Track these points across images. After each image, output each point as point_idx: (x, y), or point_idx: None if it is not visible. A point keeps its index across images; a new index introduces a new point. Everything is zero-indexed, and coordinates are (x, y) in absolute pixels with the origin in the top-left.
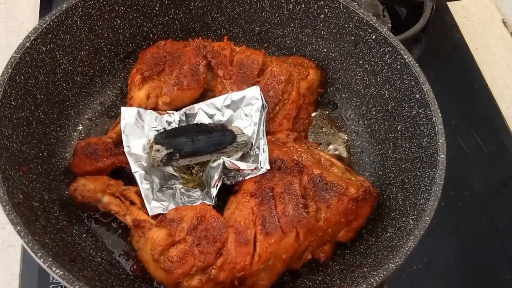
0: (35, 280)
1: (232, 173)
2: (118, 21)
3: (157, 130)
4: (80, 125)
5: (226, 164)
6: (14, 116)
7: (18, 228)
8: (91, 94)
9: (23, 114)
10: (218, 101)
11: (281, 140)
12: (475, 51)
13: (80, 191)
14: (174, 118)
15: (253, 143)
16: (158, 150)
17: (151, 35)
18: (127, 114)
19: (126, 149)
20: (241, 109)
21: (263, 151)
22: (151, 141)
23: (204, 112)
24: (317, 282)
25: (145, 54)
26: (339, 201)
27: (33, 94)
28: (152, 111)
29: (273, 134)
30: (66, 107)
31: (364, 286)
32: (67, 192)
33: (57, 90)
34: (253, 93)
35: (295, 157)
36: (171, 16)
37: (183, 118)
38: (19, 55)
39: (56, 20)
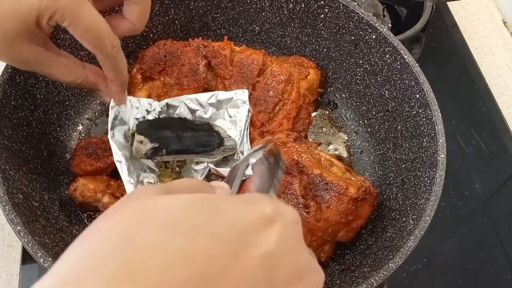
0: (35, 280)
1: (214, 178)
2: None
3: (137, 119)
4: (80, 125)
5: (211, 171)
6: (14, 116)
7: (18, 228)
8: (91, 94)
9: (23, 114)
10: (203, 97)
11: (281, 140)
12: (475, 51)
13: (80, 191)
14: (154, 108)
15: (237, 148)
16: (141, 142)
17: (151, 35)
18: None
19: (110, 135)
20: (226, 110)
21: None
22: (131, 130)
23: (186, 106)
24: None
25: (145, 54)
26: (339, 201)
27: (33, 94)
28: (133, 97)
29: (273, 134)
30: (66, 107)
31: (364, 286)
32: (67, 192)
33: (57, 90)
34: (241, 95)
35: (295, 157)
36: (171, 16)
37: (164, 108)
38: None
39: None
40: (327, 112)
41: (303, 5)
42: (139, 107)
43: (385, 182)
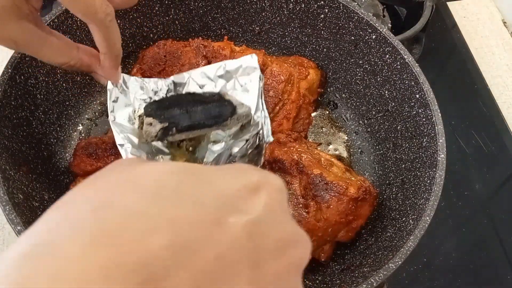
0: None
1: (231, 158)
2: (118, 21)
3: (143, 100)
4: (80, 125)
5: (224, 156)
6: (14, 116)
7: (18, 228)
8: (91, 94)
9: (23, 114)
10: (211, 70)
11: (281, 140)
12: (475, 51)
13: None
14: (161, 87)
15: (253, 114)
16: (150, 124)
17: (151, 35)
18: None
19: (110, 118)
20: (236, 79)
21: (265, 124)
22: (137, 112)
23: (195, 82)
24: (317, 282)
25: (145, 54)
26: (339, 201)
27: (33, 94)
28: (137, 77)
29: (273, 134)
30: (66, 107)
31: (364, 286)
32: (67, 192)
33: (57, 90)
34: (250, 62)
35: (295, 157)
36: (171, 16)
37: (171, 87)
38: (19, 55)
39: (56, 20)
40: (327, 112)
41: (303, 5)
42: (144, 88)
43: (385, 182)
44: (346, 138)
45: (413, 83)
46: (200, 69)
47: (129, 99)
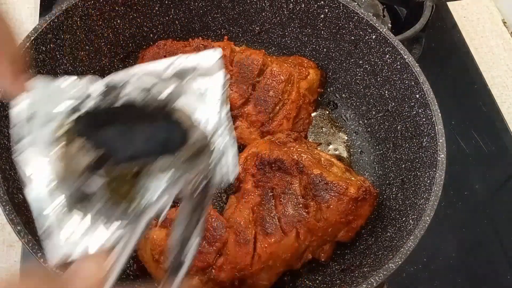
0: None
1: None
2: (118, 21)
3: (70, 108)
4: None
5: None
6: None
7: (19, 228)
8: None
9: None
10: (159, 66)
11: (281, 140)
12: (475, 51)
13: None
14: (92, 91)
15: (209, 138)
16: (80, 149)
17: (151, 35)
18: (38, 85)
19: (26, 142)
20: (192, 80)
21: (225, 154)
22: (60, 127)
23: (137, 83)
24: (317, 282)
25: (145, 54)
26: (339, 201)
27: None
28: (65, 77)
29: (273, 134)
30: None
31: (364, 286)
32: None
33: None
34: (211, 58)
35: (295, 157)
36: (171, 16)
37: (106, 90)
38: None
39: (56, 20)
40: (327, 112)
41: (303, 5)
42: (70, 92)
43: (385, 182)
44: (346, 138)
45: (413, 83)
46: (146, 66)
47: (49, 111)
